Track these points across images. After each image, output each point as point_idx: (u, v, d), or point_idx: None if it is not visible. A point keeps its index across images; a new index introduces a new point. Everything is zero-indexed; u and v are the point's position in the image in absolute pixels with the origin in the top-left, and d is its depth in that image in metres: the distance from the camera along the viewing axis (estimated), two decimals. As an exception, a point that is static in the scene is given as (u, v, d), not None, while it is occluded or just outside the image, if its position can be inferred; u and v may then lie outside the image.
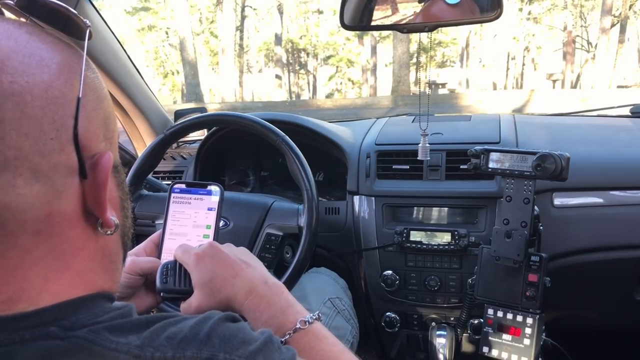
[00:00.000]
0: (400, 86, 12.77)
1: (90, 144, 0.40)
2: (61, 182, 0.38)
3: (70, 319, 0.37)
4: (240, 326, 0.44)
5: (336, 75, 26.06)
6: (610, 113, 1.54)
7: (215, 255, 0.64)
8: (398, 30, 0.97)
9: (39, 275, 0.37)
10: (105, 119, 0.43)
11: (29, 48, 0.37)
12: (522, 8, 19.74)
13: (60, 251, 0.39)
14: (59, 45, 0.40)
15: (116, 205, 0.45)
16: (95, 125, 0.41)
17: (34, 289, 0.37)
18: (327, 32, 23.80)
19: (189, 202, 0.80)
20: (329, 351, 0.58)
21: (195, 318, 0.42)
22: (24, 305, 0.36)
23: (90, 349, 0.36)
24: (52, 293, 0.38)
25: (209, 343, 0.40)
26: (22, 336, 0.35)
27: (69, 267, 0.39)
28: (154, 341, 0.38)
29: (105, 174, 0.40)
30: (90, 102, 0.41)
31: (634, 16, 17.75)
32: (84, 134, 0.39)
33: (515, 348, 1.03)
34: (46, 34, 0.40)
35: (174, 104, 17.35)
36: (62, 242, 0.39)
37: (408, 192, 1.25)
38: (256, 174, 1.60)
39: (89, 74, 0.41)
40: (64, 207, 0.38)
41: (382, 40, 21.30)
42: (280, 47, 21.22)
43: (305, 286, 1.13)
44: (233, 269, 0.63)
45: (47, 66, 0.38)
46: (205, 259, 0.64)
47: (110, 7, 18.96)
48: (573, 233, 1.17)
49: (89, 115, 0.40)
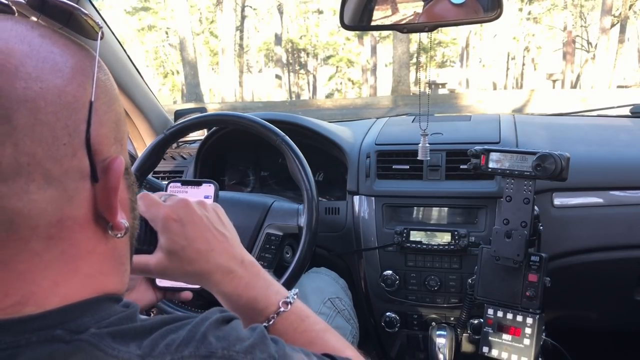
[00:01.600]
0: (400, 86, 12.76)
1: (102, 148, 0.40)
2: (73, 186, 0.38)
3: (77, 321, 0.37)
4: (234, 325, 0.45)
5: (336, 75, 26.07)
6: (610, 113, 1.54)
7: (189, 220, 0.57)
8: (398, 30, 0.97)
9: (48, 278, 0.37)
10: (117, 121, 0.43)
11: (42, 52, 0.37)
12: (522, 8, 19.75)
13: (71, 255, 0.39)
14: (71, 47, 0.40)
15: (126, 207, 0.45)
16: (106, 128, 0.41)
17: (43, 293, 0.37)
18: (327, 32, 23.81)
19: (186, 191, 0.81)
20: (312, 331, 0.58)
21: (193, 322, 0.42)
22: (32, 309, 0.36)
23: (92, 353, 0.36)
24: (60, 296, 0.38)
25: (205, 341, 0.40)
26: (28, 339, 0.35)
27: (78, 271, 0.39)
28: (154, 350, 0.38)
29: (117, 178, 0.40)
30: (102, 105, 0.41)
31: (634, 16, 17.76)
32: (95, 137, 0.39)
33: (515, 348, 1.03)
34: (58, 36, 0.40)
35: (174, 104, 17.35)
36: (73, 246, 0.39)
37: (408, 192, 1.25)
38: (256, 174, 1.60)
39: (100, 76, 0.41)
40: (76, 212, 0.38)
41: (382, 40, 21.30)
42: (280, 47, 21.22)
43: (305, 286, 1.13)
44: (209, 242, 0.57)
45: (60, 70, 0.37)
46: (177, 224, 0.57)
47: (110, 7, 18.95)
48: (573, 233, 1.17)
49: (101, 118, 0.40)
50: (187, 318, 0.43)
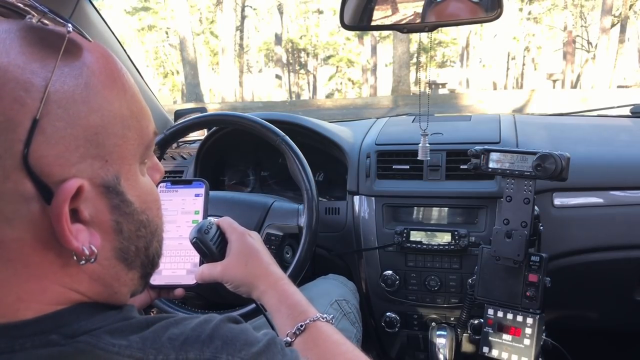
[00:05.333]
0: (400, 86, 12.76)
1: (52, 169, 0.36)
2: (11, 209, 0.36)
3: (72, 326, 0.37)
4: (243, 327, 0.44)
5: (336, 75, 26.06)
6: (610, 113, 1.54)
7: (258, 239, 0.73)
8: (398, 30, 0.97)
9: (11, 294, 0.37)
10: (93, 134, 0.38)
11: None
12: (522, 8, 19.74)
13: (32, 275, 0.37)
14: (31, 56, 0.36)
15: (108, 229, 0.41)
16: (61, 146, 0.37)
17: (11, 306, 0.37)
18: (327, 32, 23.80)
19: (176, 191, 0.81)
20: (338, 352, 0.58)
21: (197, 319, 0.42)
22: (4, 320, 0.36)
23: (93, 353, 0.35)
24: (33, 310, 0.37)
25: (211, 344, 0.39)
26: (23, 344, 0.35)
27: (47, 289, 0.38)
28: (156, 342, 0.37)
29: (59, 204, 0.36)
30: (58, 122, 0.36)
31: (634, 16, 17.73)
32: (40, 158, 0.35)
33: (515, 348, 1.03)
34: (27, 44, 0.37)
35: (174, 104, 17.35)
36: (29, 267, 0.37)
37: (408, 192, 1.25)
38: (256, 174, 1.60)
39: (64, 87, 0.37)
40: (19, 234, 0.36)
41: (382, 40, 21.30)
42: (280, 47, 21.22)
43: (311, 289, 1.13)
44: (268, 258, 0.70)
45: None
46: (251, 237, 0.72)
47: (110, 7, 18.94)
48: (573, 233, 1.17)
49: (53, 136, 0.36)
50: (186, 315, 0.43)
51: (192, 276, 0.76)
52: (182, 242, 0.78)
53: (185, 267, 0.77)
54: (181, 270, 0.77)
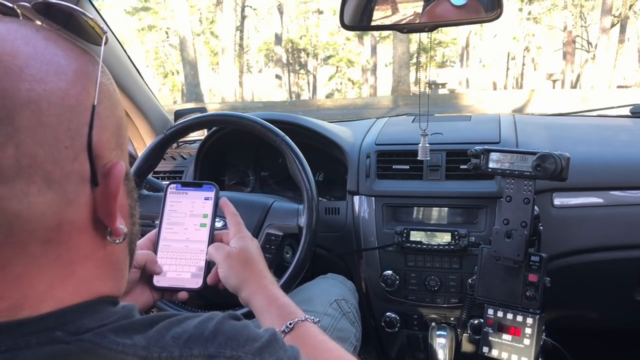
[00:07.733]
0: (400, 86, 12.76)
1: (103, 152, 0.40)
2: (73, 190, 0.37)
3: (75, 323, 0.37)
4: (245, 324, 0.44)
5: (336, 75, 26.06)
6: (610, 113, 1.54)
7: (257, 247, 0.78)
8: (398, 30, 0.97)
9: (44, 282, 0.37)
10: (118, 126, 0.43)
11: (46, 55, 0.37)
12: (522, 8, 19.74)
13: (68, 259, 0.38)
14: (75, 51, 0.40)
15: (125, 213, 0.44)
16: (108, 133, 0.41)
17: (38, 296, 0.37)
18: (327, 32, 23.79)
19: (186, 193, 0.81)
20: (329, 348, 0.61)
21: (199, 318, 0.42)
22: (27, 312, 0.36)
23: (97, 352, 0.36)
24: (55, 300, 0.38)
25: (215, 341, 0.40)
26: (28, 341, 0.35)
27: (74, 275, 0.39)
28: (160, 341, 0.38)
29: (117, 183, 0.40)
30: (105, 110, 0.40)
31: (634, 16, 17.75)
32: (97, 142, 0.39)
33: (515, 348, 1.03)
34: (63, 40, 0.40)
35: (174, 104, 17.36)
36: (70, 250, 0.38)
37: (408, 192, 1.25)
38: (256, 174, 1.60)
39: (104, 80, 0.41)
40: (75, 216, 0.38)
41: (382, 40, 21.30)
42: (280, 47, 21.21)
43: (310, 288, 1.13)
44: (263, 265, 0.76)
45: (64, 73, 0.37)
46: (253, 242, 0.78)
47: (110, 7, 18.95)
48: (573, 233, 1.17)
49: (103, 123, 0.40)
50: (188, 314, 0.43)
51: (196, 280, 0.76)
52: (188, 245, 0.78)
53: (191, 270, 0.77)
54: (186, 274, 0.76)
